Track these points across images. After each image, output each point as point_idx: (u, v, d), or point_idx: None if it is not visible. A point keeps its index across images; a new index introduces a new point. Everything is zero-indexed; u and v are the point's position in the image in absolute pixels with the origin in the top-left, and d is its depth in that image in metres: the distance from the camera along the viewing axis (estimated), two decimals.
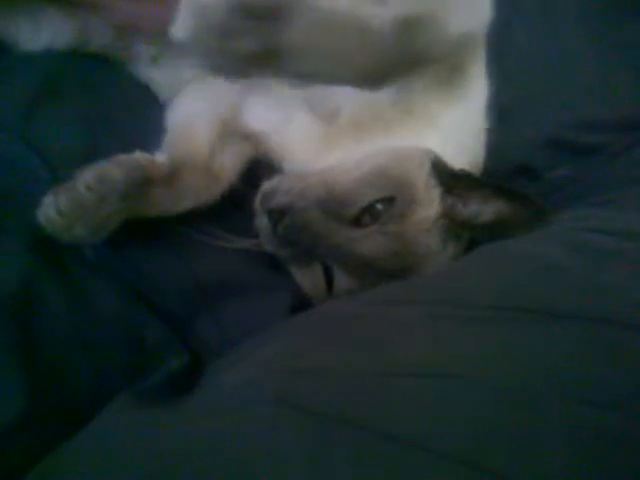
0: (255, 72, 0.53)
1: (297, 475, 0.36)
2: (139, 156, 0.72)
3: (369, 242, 0.68)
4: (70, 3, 0.78)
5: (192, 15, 0.48)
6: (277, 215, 0.68)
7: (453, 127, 0.77)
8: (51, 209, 0.64)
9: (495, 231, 0.69)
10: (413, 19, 0.55)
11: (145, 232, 0.73)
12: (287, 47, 0.50)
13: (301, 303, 0.76)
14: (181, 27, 0.49)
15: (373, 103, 0.74)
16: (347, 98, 0.74)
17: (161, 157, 0.76)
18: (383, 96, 0.73)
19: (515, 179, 0.99)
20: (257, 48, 0.49)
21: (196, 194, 0.75)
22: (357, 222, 0.69)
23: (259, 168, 0.82)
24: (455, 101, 0.77)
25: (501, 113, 0.98)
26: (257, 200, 0.73)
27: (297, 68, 0.53)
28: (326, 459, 0.36)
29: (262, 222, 0.71)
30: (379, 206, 0.69)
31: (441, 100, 0.76)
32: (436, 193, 0.72)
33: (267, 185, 0.73)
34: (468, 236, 0.73)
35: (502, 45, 1.12)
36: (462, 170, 0.74)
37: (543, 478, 0.34)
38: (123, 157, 0.70)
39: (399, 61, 0.56)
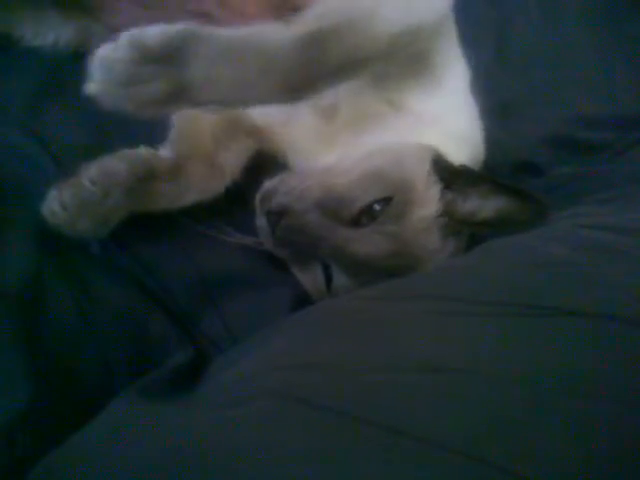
0: (170, 108, 0.56)
1: (301, 468, 0.36)
2: (143, 151, 0.72)
3: (367, 242, 0.68)
4: (73, 7, 0.80)
5: (99, 70, 0.51)
6: (275, 216, 0.68)
7: (443, 119, 0.77)
8: (55, 203, 0.64)
9: (496, 227, 0.69)
10: (320, 33, 0.57)
11: (150, 226, 0.74)
12: (193, 82, 0.53)
13: (303, 299, 0.76)
14: (91, 83, 0.51)
15: (364, 99, 0.74)
16: (344, 94, 0.74)
17: (165, 152, 0.76)
18: (370, 92, 0.73)
19: (517, 176, 0.99)
20: (165, 89, 0.52)
21: (200, 189, 0.76)
22: (355, 223, 0.69)
23: (264, 164, 0.83)
24: (433, 91, 0.77)
25: (503, 109, 0.98)
26: (257, 200, 0.73)
27: (208, 98, 0.55)
28: (330, 452, 0.36)
29: (261, 222, 0.71)
30: (377, 206, 0.69)
31: (420, 92, 0.76)
32: (436, 190, 0.72)
33: (267, 185, 0.73)
34: (468, 232, 0.73)
35: (505, 40, 1.13)
36: (462, 165, 0.73)
37: (549, 472, 0.34)
38: (127, 152, 0.70)
39: (312, 73, 0.58)
